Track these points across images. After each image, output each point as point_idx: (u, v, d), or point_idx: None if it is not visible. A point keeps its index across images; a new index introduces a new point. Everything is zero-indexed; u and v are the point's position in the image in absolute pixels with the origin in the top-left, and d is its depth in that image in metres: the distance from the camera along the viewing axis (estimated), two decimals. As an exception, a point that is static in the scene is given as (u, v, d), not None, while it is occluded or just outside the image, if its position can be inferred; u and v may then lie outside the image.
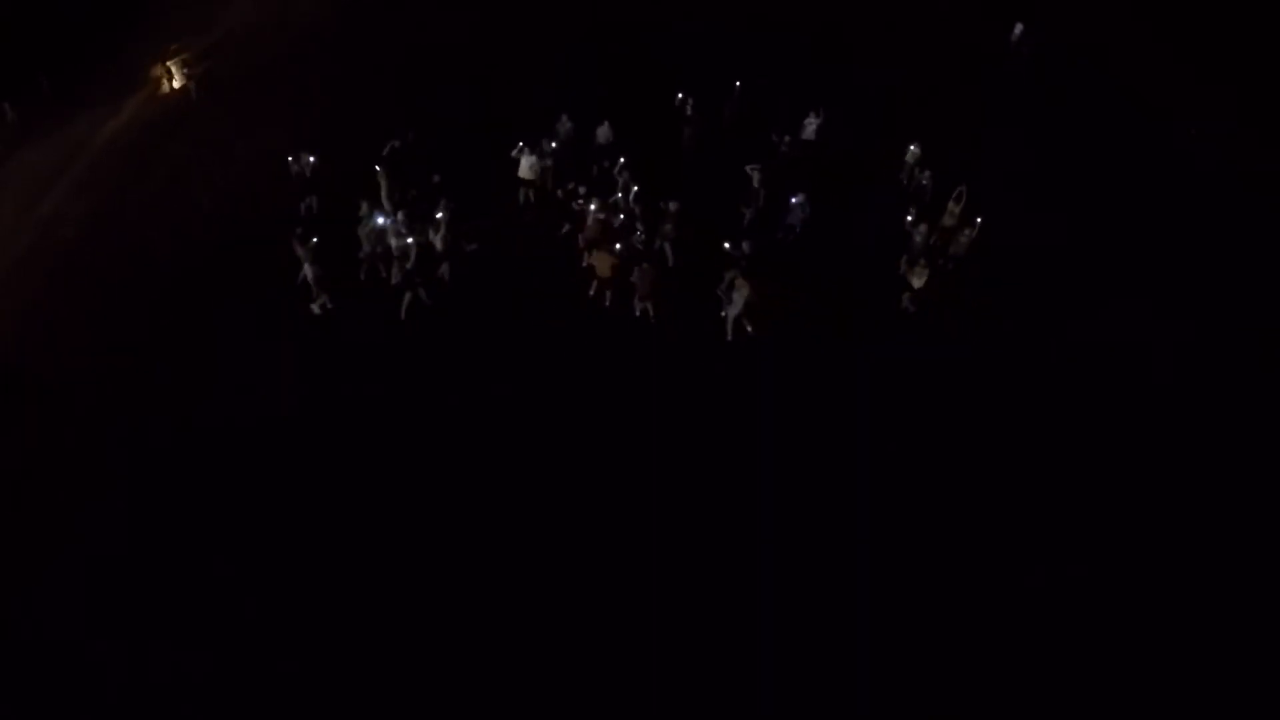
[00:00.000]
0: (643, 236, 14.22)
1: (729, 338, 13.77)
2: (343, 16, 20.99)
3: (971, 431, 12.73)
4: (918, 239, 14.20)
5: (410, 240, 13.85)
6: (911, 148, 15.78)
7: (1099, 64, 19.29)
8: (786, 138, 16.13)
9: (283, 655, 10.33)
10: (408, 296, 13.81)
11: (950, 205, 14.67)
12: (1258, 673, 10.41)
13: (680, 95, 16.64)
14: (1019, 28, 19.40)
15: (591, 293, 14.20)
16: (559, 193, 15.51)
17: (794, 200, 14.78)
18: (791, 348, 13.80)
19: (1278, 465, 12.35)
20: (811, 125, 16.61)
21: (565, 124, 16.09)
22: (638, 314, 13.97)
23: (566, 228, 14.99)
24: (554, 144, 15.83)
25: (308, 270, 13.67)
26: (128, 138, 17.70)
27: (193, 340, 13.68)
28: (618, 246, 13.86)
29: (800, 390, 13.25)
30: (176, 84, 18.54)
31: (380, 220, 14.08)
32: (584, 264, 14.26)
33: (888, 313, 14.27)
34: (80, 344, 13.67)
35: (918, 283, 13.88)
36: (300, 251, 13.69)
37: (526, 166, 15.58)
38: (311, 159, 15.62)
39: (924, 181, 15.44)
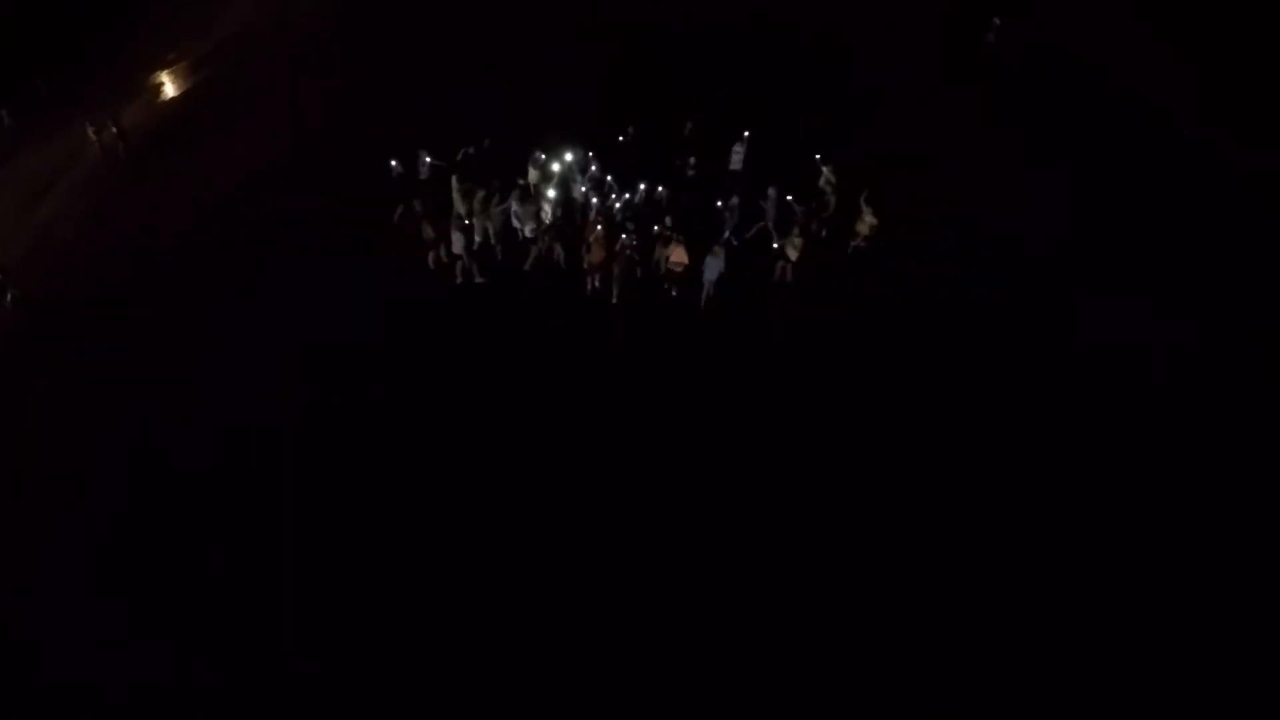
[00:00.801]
0: (632, 229, 14.61)
1: (703, 307, 14.10)
2: (343, 16, 21.00)
3: (970, 431, 12.72)
4: (768, 209, 14.83)
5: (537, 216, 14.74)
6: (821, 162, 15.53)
7: (1099, 64, 19.28)
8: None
9: (282, 655, 10.32)
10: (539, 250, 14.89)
11: (862, 205, 14.62)
12: (1255, 672, 10.39)
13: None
14: (996, 20, 19.20)
15: (588, 283, 14.40)
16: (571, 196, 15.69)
17: (769, 192, 14.96)
18: (780, 336, 13.97)
19: (1276, 465, 12.35)
20: (739, 154, 16.13)
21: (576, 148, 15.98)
22: (615, 297, 14.28)
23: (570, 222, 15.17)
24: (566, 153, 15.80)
25: (455, 241, 14.14)
26: (128, 139, 17.69)
27: (193, 340, 13.69)
28: (601, 229, 14.19)
29: (791, 381, 13.30)
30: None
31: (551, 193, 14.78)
32: (585, 253, 14.37)
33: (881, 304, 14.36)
34: (80, 344, 13.68)
35: (793, 254, 14.35)
36: (432, 230, 14.21)
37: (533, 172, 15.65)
38: (404, 161, 15.51)
39: (826, 186, 15.29)
